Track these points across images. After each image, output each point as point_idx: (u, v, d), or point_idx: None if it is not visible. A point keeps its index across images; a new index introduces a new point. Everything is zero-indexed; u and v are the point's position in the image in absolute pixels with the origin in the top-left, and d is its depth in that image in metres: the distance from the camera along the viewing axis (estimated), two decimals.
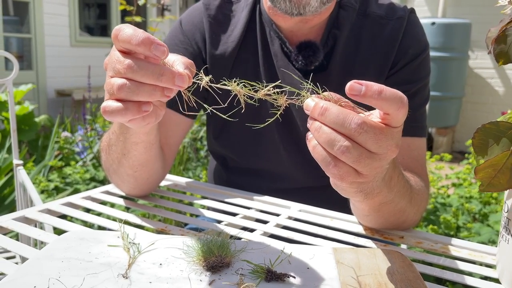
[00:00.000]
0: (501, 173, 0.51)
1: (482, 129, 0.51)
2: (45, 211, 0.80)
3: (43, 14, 5.76)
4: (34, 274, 0.53)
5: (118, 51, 0.51)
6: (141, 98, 0.50)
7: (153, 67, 0.49)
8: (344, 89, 0.47)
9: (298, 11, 0.84)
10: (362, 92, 0.47)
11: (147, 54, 0.49)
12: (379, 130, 0.48)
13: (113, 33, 0.51)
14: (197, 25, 0.96)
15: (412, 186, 0.74)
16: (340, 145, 0.48)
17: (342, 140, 0.48)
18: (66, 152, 2.77)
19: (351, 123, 0.47)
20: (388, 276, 0.56)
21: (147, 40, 0.48)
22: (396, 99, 0.48)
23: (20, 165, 1.34)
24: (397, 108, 0.48)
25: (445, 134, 4.94)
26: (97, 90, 4.19)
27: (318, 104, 0.49)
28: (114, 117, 0.51)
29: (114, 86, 0.50)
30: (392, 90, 0.48)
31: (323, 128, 0.49)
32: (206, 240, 0.58)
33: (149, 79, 0.49)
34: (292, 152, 0.96)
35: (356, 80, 0.47)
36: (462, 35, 4.60)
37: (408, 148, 0.88)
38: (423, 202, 0.80)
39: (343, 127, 0.48)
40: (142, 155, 0.76)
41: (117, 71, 0.50)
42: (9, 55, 1.27)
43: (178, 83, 0.50)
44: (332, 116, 0.48)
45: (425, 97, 0.93)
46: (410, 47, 0.90)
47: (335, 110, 0.48)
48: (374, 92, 0.47)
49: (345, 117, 0.48)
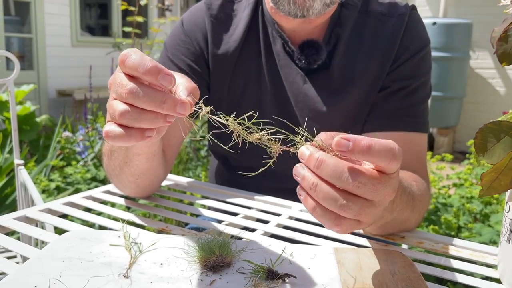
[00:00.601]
0: (503, 175, 0.50)
1: (483, 129, 0.50)
2: (46, 211, 0.80)
3: (44, 14, 5.76)
4: (35, 273, 0.53)
5: (122, 73, 0.50)
6: (143, 125, 0.49)
7: (155, 94, 0.48)
8: (346, 88, 0.47)
9: (302, 13, 0.85)
10: (349, 148, 0.44)
11: (153, 83, 0.48)
12: (377, 180, 0.46)
13: (120, 58, 0.49)
14: (199, 25, 0.96)
15: (414, 194, 0.73)
16: (340, 203, 0.45)
17: (341, 198, 0.45)
18: (67, 152, 2.77)
19: (348, 177, 0.45)
20: (389, 276, 0.55)
21: (154, 69, 0.47)
22: (387, 153, 0.45)
23: (21, 165, 1.34)
24: (388, 162, 0.46)
25: (446, 134, 4.94)
26: (98, 90, 4.20)
27: (313, 156, 0.46)
28: (116, 143, 0.50)
29: (116, 112, 0.49)
30: (382, 142, 0.46)
31: (320, 186, 0.46)
32: (207, 240, 0.58)
33: (150, 106, 0.48)
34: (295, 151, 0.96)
35: (343, 136, 0.45)
36: (463, 35, 4.60)
37: (410, 144, 0.88)
38: (425, 206, 0.80)
39: (341, 181, 0.45)
40: (144, 165, 0.76)
41: (119, 94, 0.49)
42: (10, 55, 1.27)
43: (180, 111, 0.48)
44: (328, 170, 0.45)
45: (427, 93, 0.93)
46: (411, 43, 0.91)
47: (331, 164, 0.45)
48: (363, 148, 0.44)
49: (342, 171, 0.45)
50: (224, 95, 0.97)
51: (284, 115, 0.95)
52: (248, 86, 0.96)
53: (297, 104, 0.93)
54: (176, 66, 0.94)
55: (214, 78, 0.96)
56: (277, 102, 0.95)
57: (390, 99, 0.90)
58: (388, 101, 0.90)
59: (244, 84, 0.96)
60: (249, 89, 0.96)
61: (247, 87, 0.96)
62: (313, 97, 0.92)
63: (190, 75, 0.93)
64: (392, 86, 0.90)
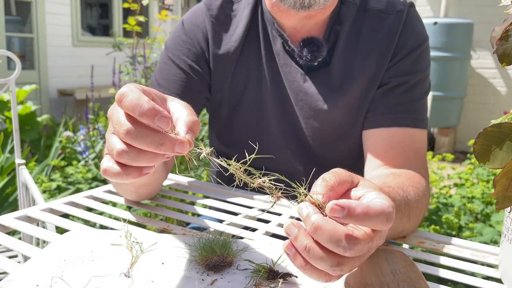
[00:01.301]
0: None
1: (483, 134, 0.47)
2: (47, 210, 0.80)
3: (45, 14, 5.77)
4: (37, 273, 0.53)
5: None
6: (141, 164, 0.49)
7: (152, 136, 0.47)
8: (346, 85, 0.46)
9: (309, 2, 0.84)
10: (344, 215, 0.44)
11: (150, 125, 0.47)
12: (370, 239, 0.46)
13: (117, 97, 0.48)
14: (200, 26, 0.96)
15: (410, 203, 0.73)
16: (333, 268, 0.45)
17: (335, 262, 0.45)
18: (68, 152, 2.78)
19: (346, 246, 0.44)
20: (390, 275, 0.55)
21: (151, 112, 0.46)
22: (382, 218, 0.45)
23: (22, 165, 1.34)
24: (383, 226, 0.45)
25: (447, 134, 4.94)
26: (99, 89, 4.20)
27: (309, 219, 0.45)
28: (115, 180, 0.50)
29: (114, 151, 0.48)
30: (377, 207, 0.45)
31: (313, 250, 0.45)
32: (208, 239, 0.58)
33: (148, 147, 0.47)
34: (296, 151, 0.97)
35: (337, 202, 0.44)
36: (464, 35, 4.59)
37: (409, 140, 0.88)
38: (423, 209, 0.80)
39: (337, 248, 0.44)
40: (145, 180, 0.76)
41: (117, 132, 0.48)
42: (11, 55, 1.27)
43: (178, 150, 0.47)
44: (324, 236, 0.44)
45: (426, 89, 0.94)
46: (409, 39, 0.91)
47: (328, 230, 0.44)
48: (358, 216, 0.44)
49: (339, 239, 0.44)
50: (225, 95, 0.97)
51: (285, 114, 0.95)
52: (249, 86, 0.96)
53: (297, 102, 0.93)
54: (177, 66, 0.94)
55: (215, 78, 0.96)
56: (278, 101, 0.95)
57: (389, 95, 0.91)
58: (387, 97, 0.90)
59: (245, 83, 0.96)
60: (249, 89, 0.96)
61: (247, 87, 0.96)
62: (313, 95, 0.92)
63: (191, 75, 0.94)
64: (391, 82, 0.90)
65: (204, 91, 0.96)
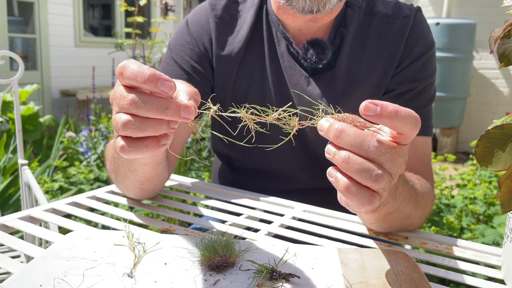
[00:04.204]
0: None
1: (485, 136, 0.46)
2: (50, 211, 0.80)
3: (48, 15, 5.78)
4: (40, 273, 0.54)
5: (122, 86, 0.50)
6: (147, 133, 0.48)
7: (157, 101, 0.47)
8: (351, 89, 0.46)
9: (318, 8, 0.84)
10: (377, 112, 0.45)
11: (154, 91, 0.48)
12: (394, 150, 0.47)
13: (118, 70, 0.49)
14: (204, 26, 0.96)
15: (417, 190, 0.73)
16: (376, 173, 0.46)
17: (376, 168, 0.46)
18: (71, 152, 2.78)
19: (369, 145, 0.46)
20: (393, 276, 0.55)
21: (153, 77, 0.46)
22: (411, 120, 0.47)
23: (25, 165, 1.34)
24: (411, 129, 0.47)
25: (449, 135, 4.93)
26: (101, 90, 4.21)
27: (333, 126, 0.47)
28: (132, 156, 0.49)
29: (119, 124, 0.48)
30: (407, 110, 0.47)
31: (353, 158, 0.46)
32: (211, 239, 0.58)
33: (154, 113, 0.47)
34: (298, 153, 0.96)
35: (371, 100, 0.46)
36: (467, 35, 4.58)
37: (414, 147, 0.88)
38: (428, 204, 0.80)
39: (362, 149, 0.46)
40: (149, 173, 0.76)
41: (121, 106, 0.49)
42: (14, 55, 1.27)
43: (184, 115, 0.47)
44: (349, 138, 0.46)
45: (431, 96, 0.93)
46: (416, 45, 0.90)
47: (351, 132, 0.46)
48: (390, 113, 0.46)
49: (364, 139, 0.46)
50: (228, 96, 0.97)
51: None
52: (252, 87, 0.95)
53: (300, 105, 0.93)
54: (180, 67, 0.94)
55: (217, 79, 0.96)
56: (281, 103, 0.95)
57: (395, 102, 0.90)
58: None
59: (248, 85, 0.96)
60: (252, 90, 0.95)
61: (250, 88, 0.96)
62: (317, 98, 0.92)
63: (193, 76, 0.93)
64: (397, 89, 0.90)
65: (207, 92, 0.96)
